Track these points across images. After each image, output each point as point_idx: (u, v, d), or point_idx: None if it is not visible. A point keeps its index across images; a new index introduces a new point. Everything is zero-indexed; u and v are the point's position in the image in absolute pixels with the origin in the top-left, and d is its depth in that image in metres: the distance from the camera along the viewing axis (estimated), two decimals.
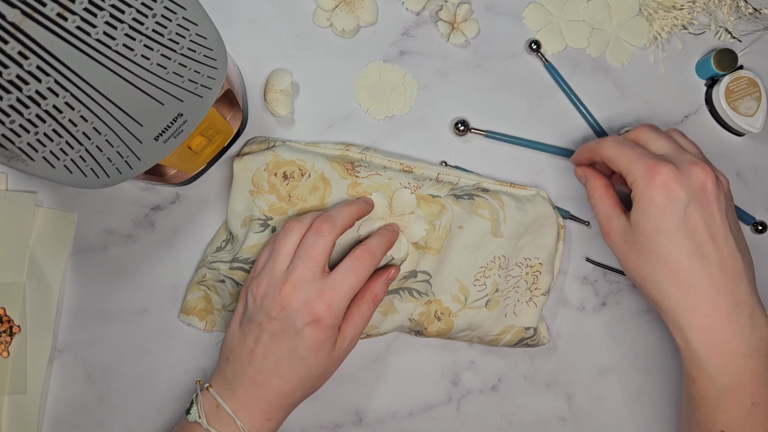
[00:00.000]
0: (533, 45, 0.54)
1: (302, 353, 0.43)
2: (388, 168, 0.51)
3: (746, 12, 0.56)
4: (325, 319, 0.43)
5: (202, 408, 0.45)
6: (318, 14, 0.54)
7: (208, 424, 0.44)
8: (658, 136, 0.46)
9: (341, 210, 0.46)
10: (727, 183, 0.46)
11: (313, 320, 0.43)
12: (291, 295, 0.43)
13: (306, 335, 0.43)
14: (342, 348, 0.46)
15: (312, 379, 0.45)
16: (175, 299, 0.54)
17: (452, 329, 0.51)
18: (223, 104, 0.49)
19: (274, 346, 0.44)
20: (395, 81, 0.54)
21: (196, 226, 0.54)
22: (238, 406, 0.44)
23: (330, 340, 0.44)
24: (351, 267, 0.44)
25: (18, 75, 0.32)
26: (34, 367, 0.52)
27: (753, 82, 0.54)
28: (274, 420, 0.45)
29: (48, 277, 0.52)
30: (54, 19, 0.31)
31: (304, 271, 0.43)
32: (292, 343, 0.43)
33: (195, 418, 0.45)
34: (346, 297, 0.44)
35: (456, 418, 0.54)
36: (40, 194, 0.53)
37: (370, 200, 0.49)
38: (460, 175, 0.52)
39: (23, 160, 0.35)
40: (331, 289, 0.43)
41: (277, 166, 0.50)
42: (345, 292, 0.43)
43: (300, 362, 0.44)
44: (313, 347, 0.43)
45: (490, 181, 0.53)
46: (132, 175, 0.39)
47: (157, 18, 0.34)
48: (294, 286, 0.43)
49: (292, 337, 0.43)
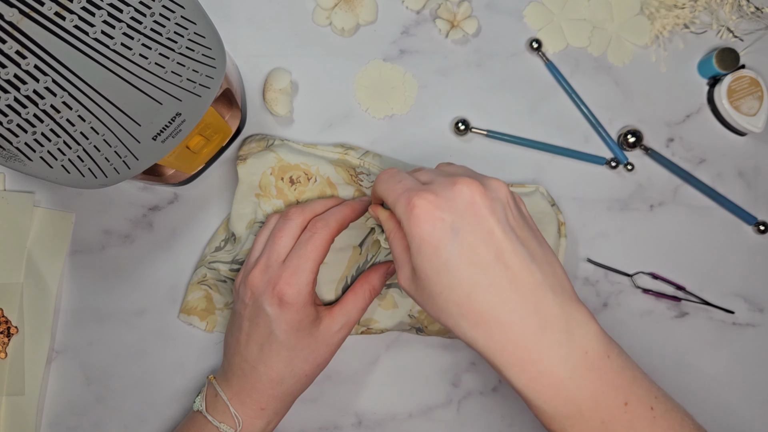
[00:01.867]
0: (534, 44, 0.54)
1: (280, 337, 0.44)
2: None
3: (748, 11, 0.56)
4: (288, 296, 0.43)
5: (204, 397, 0.47)
6: (317, 13, 0.54)
7: (207, 411, 0.46)
8: (423, 169, 0.41)
9: (316, 201, 0.47)
10: (506, 188, 0.38)
11: (279, 300, 0.43)
12: (257, 279, 0.44)
13: (277, 317, 0.43)
14: (330, 331, 0.45)
15: (300, 363, 0.45)
16: (174, 300, 0.53)
17: None
18: (221, 103, 0.49)
19: (253, 332, 0.44)
20: (395, 80, 0.54)
21: (195, 227, 0.54)
22: (232, 395, 0.46)
23: (306, 320, 0.44)
24: (304, 239, 0.44)
25: (16, 74, 0.32)
26: (32, 368, 0.51)
27: (755, 81, 0.54)
28: (268, 409, 0.46)
29: (46, 278, 0.52)
30: (52, 19, 0.31)
31: (270, 255, 0.44)
32: (268, 328, 0.44)
33: (197, 406, 0.47)
34: (307, 269, 0.43)
35: (456, 420, 0.54)
36: (37, 194, 0.53)
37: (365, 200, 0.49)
38: None
39: (21, 160, 0.34)
40: (288, 267, 0.43)
41: (283, 170, 0.50)
42: (303, 266, 0.43)
43: (281, 346, 0.44)
44: (289, 329, 0.43)
45: None
46: (130, 175, 0.39)
47: (155, 17, 0.34)
48: (260, 270, 0.44)
49: (266, 320, 0.44)
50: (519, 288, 0.35)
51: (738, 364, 0.55)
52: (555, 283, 0.36)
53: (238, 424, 0.45)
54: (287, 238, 0.45)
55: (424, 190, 0.36)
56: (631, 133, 0.54)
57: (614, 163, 0.54)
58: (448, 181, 0.37)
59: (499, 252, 0.35)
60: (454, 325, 0.36)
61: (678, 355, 0.55)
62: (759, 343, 0.55)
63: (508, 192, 0.38)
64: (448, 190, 0.36)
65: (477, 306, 0.35)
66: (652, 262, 0.55)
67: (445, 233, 0.35)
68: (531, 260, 0.36)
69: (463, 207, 0.36)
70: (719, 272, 0.55)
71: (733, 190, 0.55)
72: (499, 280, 0.35)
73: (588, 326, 0.36)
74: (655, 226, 0.55)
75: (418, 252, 0.36)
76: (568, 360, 0.35)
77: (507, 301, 0.35)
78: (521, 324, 0.35)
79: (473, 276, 0.35)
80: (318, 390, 0.53)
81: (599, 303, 0.55)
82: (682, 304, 0.55)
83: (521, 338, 0.35)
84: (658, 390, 0.38)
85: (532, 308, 0.35)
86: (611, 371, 0.36)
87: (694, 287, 0.55)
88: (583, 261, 0.55)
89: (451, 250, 0.35)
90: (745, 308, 0.55)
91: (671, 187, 0.55)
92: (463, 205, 0.36)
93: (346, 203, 0.47)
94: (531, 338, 0.35)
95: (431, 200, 0.36)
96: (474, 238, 0.35)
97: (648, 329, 0.55)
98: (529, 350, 0.35)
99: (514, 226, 0.37)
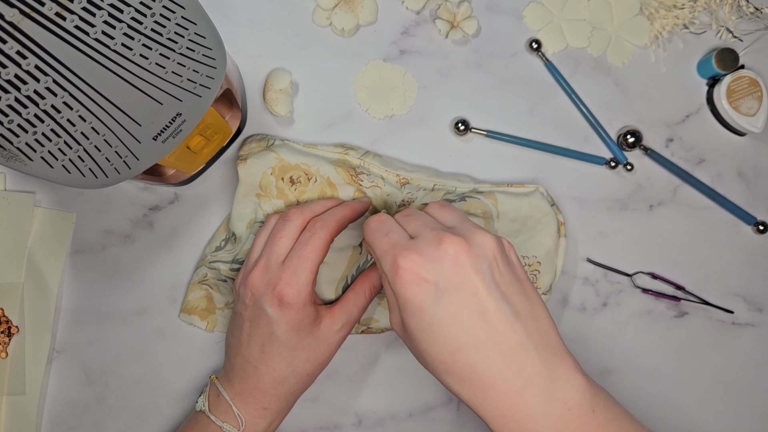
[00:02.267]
0: (534, 44, 0.54)
1: (281, 337, 0.44)
2: (387, 181, 0.51)
3: (747, 11, 0.56)
4: (288, 297, 0.43)
5: (206, 397, 0.47)
6: (318, 13, 0.54)
7: (210, 411, 0.46)
8: (413, 213, 0.41)
9: (315, 201, 0.47)
10: (493, 242, 0.38)
11: (278, 301, 0.43)
12: (257, 279, 0.44)
13: (278, 317, 0.43)
14: (331, 330, 0.46)
15: (301, 363, 0.45)
16: (174, 299, 0.53)
17: None
18: (222, 104, 0.49)
19: (254, 332, 0.45)
20: (395, 80, 0.54)
21: (195, 226, 0.54)
22: (234, 395, 0.46)
23: (306, 320, 0.44)
24: (303, 240, 0.44)
25: (16, 74, 0.32)
26: (33, 367, 0.51)
27: (754, 81, 0.54)
28: (271, 409, 0.46)
29: (46, 278, 0.52)
30: (53, 19, 0.31)
31: (270, 256, 0.44)
32: (269, 328, 0.44)
33: (200, 406, 0.47)
34: (306, 270, 0.43)
35: (456, 420, 0.54)
36: (38, 194, 0.53)
37: (365, 201, 0.49)
38: (456, 185, 0.52)
39: (21, 160, 0.35)
40: (288, 267, 0.43)
41: (283, 170, 0.50)
42: (302, 266, 0.43)
43: (282, 346, 0.44)
44: (289, 329, 0.44)
45: (487, 186, 0.52)
46: (131, 175, 0.39)
47: (155, 17, 0.34)
48: (260, 271, 0.44)
49: (266, 321, 0.44)
50: (502, 347, 0.36)
51: (737, 364, 0.55)
52: (540, 340, 0.37)
53: (241, 423, 0.45)
54: (287, 238, 0.45)
55: (410, 249, 0.37)
56: (631, 133, 0.54)
57: (614, 163, 0.54)
58: (434, 238, 0.37)
59: (484, 312, 0.36)
60: (440, 379, 0.38)
61: (677, 354, 0.55)
62: (758, 343, 0.55)
63: (495, 246, 0.38)
64: (434, 249, 0.36)
65: (460, 365, 0.36)
66: (652, 262, 0.55)
67: (429, 295, 0.36)
68: (515, 318, 0.36)
69: (447, 267, 0.36)
70: (719, 272, 0.55)
71: (732, 190, 0.55)
72: (483, 341, 0.36)
73: (572, 381, 0.36)
74: (654, 226, 0.55)
75: (404, 309, 0.37)
76: (550, 416, 0.35)
77: (490, 360, 0.36)
78: (504, 383, 0.36)
79: (457, 336, 0.36)
80: (318, 389, 0.53)
81: (599, 303, 0.55)
82: (682, 303, 0.55)
83: (504, 396, 0.36)
84: None
85: (516, 367, 0.36)
86: (595, 424, 0.36)
87: (693, 287, 0.55)
88: (582, 261, 0.55)
89: (435, 311, 0.36)
90: (745, 308, 0.55)
91: (671, 187, 0.55)
92: (448, 265, 0.36)
93: (345, 204, 0.47)
94: (513, 396, 0.36)
95: (416, 261, 0.36)
96: (458, 298, 0.36)
97: (647, 329, 0.55)
98: (512, 407, 0.36)
99: (500, 283, 0.37)
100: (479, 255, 0.36)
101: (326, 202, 0.48)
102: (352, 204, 0.47)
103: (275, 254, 0.44)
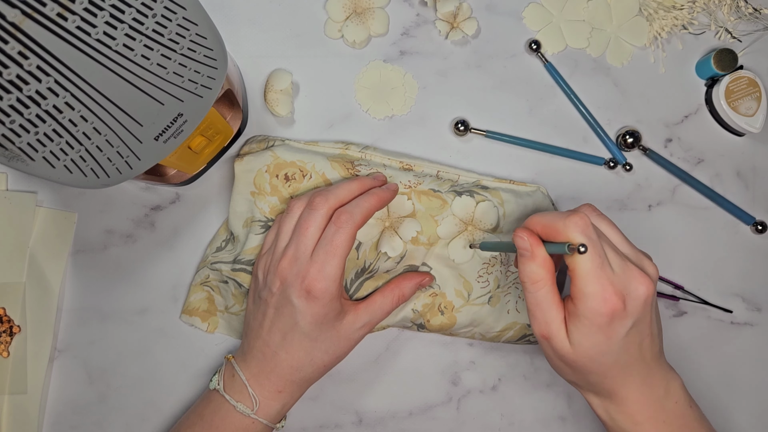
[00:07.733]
0: (533, 45, 0.54)
1: (304, 328, 0.44)
2: (388, 166, 0.51)
3: (746, 12, 0.56)
4: (316, 291, 0.43)
5: (221, 376, 0.47)
6: (329, 26, 0.54)
7: (224, 391, 0.46)
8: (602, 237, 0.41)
9: (340, 186, 0.46)
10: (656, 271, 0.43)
11: (306, 293, 0.44)
12: (286, 270, 0.45)
13: (304, 309, 0.44)
14: (353, 327, 0.46)
15: (320, 354, 0.46)
16: (176, 299, 0.54)
17: (455, 325, 0.51)
18: (223, 104, 0.49)
19: (278, 320, 0.45)
20: (395, 81, 0.54)
21: (197, 226, 0.54)
22: (250, 376, 0.46)
23: (331, 314, 0.45)
24: (329, 234, 0.44)
25: (18, 75, 0.32)
26: (34, 367, 0.52)
27: (753, 82, 0.54)
28: (285, 393, 0.46)
29: (48, 277, 0.52)
30: (54, 19, 0.31)
31: (298, 246, 0.44)
32: (293, 318, 0.44)
33: (214, 385, 0.47)
34: (334, 265, 0.44)
35: (456, 419, 0.54)
36: (40, 194, 0.53)
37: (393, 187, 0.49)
38: (459, 173, 0.53)
39: (23, 160, 0.35)
40: (316, 262, 0.44)
41: (278, 168, 0.50)
42: (329, 262, 0.43)
43: (304, 336, 0.45)
44: (314, 321, 0.44)
45: (490, 179, 0.53)
46: (132, 175, 0.39)
47: (157, 18, 0.34)
48: (289, 261, 0.45)
49: (291, 311, 0.44)
50: (650, 366, 0.43)
51: (736, 363, 0.55)
52: (660, 346, 0.44)
53: (255, 404, 0.45)
54: (314, 228, 0.45)
55: (619, 294, 0.39)
56: (630, 133, 0.54)
57: (613, 164, 0.55)
58: (634, 276, 0.40)
59: (643, 338, 0.42)
60: (584, 385, 0.44)
61: (676, 353, 0.55)
62: (757, 342, 0.55)
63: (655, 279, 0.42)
64: (635, 288, 0.40)
65: (615, 381, 0.42)
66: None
67: (621, 330, 0.40)
68: (660, 338, 0.44)
69: (639, 309, 0.40)
70: (717, 272, 0.55)
71: (731, 190, 0.55)
72: (635, 363, 0.42)
73: (677, 381, 0.44)
74: (653, 226, 0.55)
75: (588, 336, 0.40)
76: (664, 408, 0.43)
77: (635, 374, 0.42)
78: (644, 389, 0.43)
79: (621, 359, 0.41)
80: (319, 388, 0.54)
81: None
82: (681, 303, 0.55)
83: (640, 399, 0.43)
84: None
85: (660, 381, 0.43)
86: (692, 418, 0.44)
87: (692, 286, 0.55)
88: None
89: (619, 341, 0.40)
90: (743, 307, 0.55)
91: (669, 187, 0.55)
92: (640, 306, 0.40)
93: (371, 193, 0.46)
94: (647, 402, 0.43)
95: (621, 305, 0.39)
96: (636, 335, 0.41)
97: None
98: (645, 407, 0.43)
99: (654, 308, 0.43)
100: (655, 293, 0.41)
101: (351, 186, 0.47)
102: (379, 192, 0.46)
103: (303, 245, 0.44)
